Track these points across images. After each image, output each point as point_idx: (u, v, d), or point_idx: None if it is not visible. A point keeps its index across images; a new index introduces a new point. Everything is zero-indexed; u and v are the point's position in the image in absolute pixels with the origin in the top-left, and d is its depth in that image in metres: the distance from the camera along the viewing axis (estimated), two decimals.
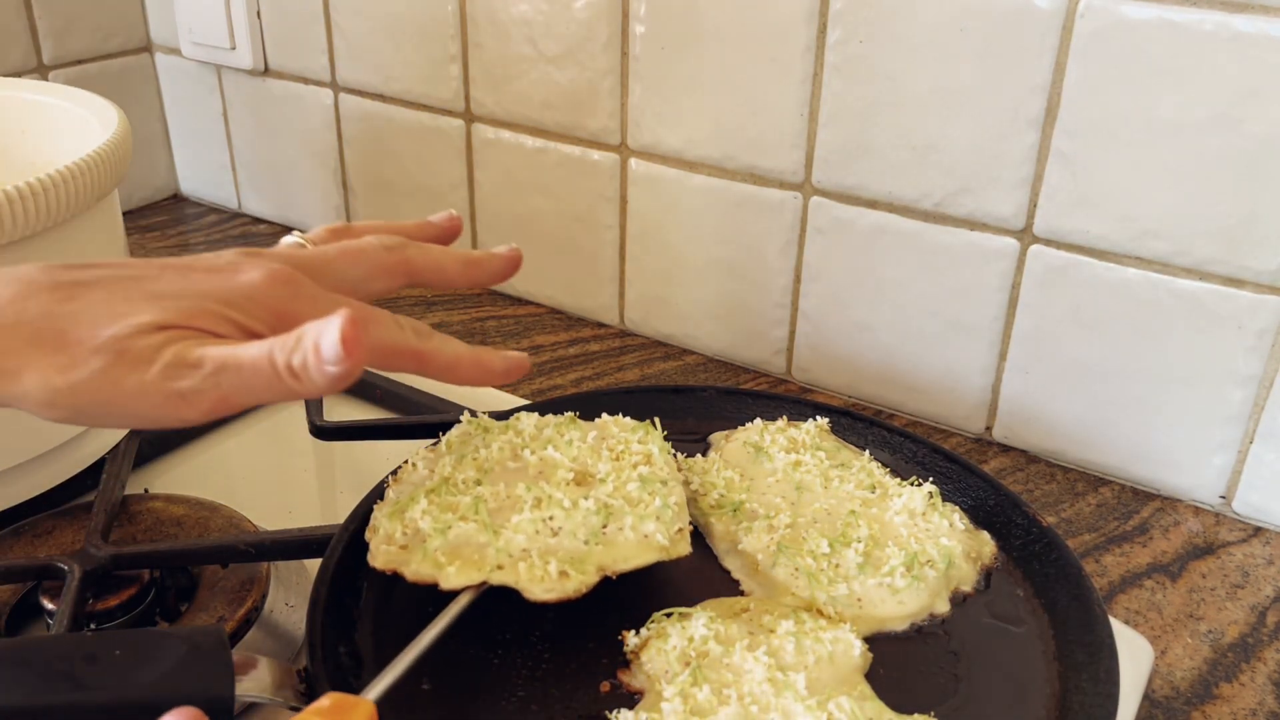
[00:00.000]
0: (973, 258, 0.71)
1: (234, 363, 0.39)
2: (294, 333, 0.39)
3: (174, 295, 0.41)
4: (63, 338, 0.39)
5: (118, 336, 0.39)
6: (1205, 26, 0.59)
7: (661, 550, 0.47)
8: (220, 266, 0.43)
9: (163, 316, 0.40)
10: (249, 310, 0.42)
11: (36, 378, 0.39)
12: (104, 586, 0.54)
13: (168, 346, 0.39)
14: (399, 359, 0.44)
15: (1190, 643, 0.59)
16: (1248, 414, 0.65)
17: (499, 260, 0.54)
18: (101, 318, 0.39)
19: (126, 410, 0.40)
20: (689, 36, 0.76)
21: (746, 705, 0.42)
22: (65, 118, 0.66)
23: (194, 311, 0.41)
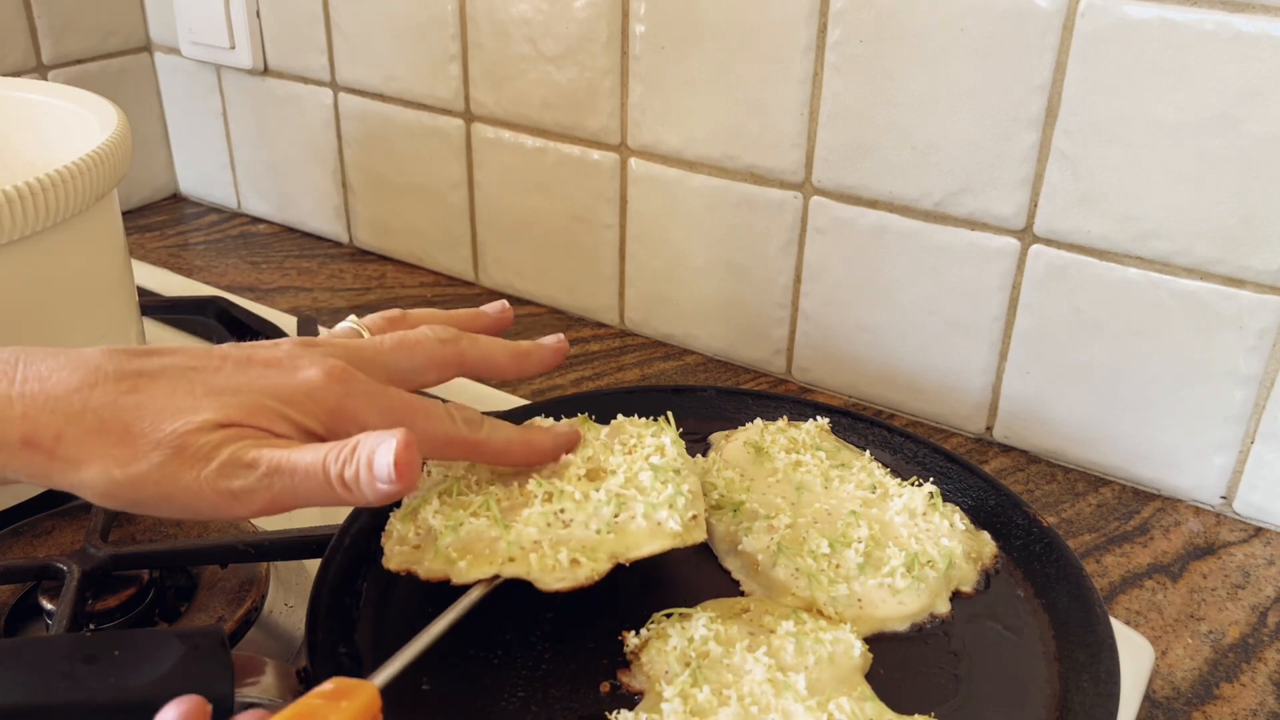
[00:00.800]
0: (973, 257, 0.71)
1: (288, 467, 0.40)
2: (349, 443, 0.40)
3: (233, 391, 0.42)
4: (126, 431, 0.40)
5: (178, 433, 0.40)
6: (1206, 26, 0.59)
7: (675, 536, 0.47)
8: (279, 360, 0.44)
9: (222, 414, 0.41)
10: (305, 408, 0.43)
11: (97, 469, 0.39)
12: (103, 587, 0.54)
13: (225, 446, 0.40)
14: (452, 450, 0.47)
15: (1191, 643, 0.59)
16: (1248, 414, 0.65)
17: (547, 351, 0.55)
18: (164, 412, 0.40)
19: (181, 504, 0.40)
20: (689, 36, 0.76)
21: (746, 706, 0.42)
22: (65, 117, 0.66)
23: (252, 409, 0.41)
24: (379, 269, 1.02)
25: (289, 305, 0.94)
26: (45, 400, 0.39)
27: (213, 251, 1.06)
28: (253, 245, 1.07)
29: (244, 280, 0.99)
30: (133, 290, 0.69)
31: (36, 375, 0.40)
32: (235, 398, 0.41)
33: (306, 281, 0.99)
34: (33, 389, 0.40)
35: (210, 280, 0.98)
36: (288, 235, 1.09)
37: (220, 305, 0.84)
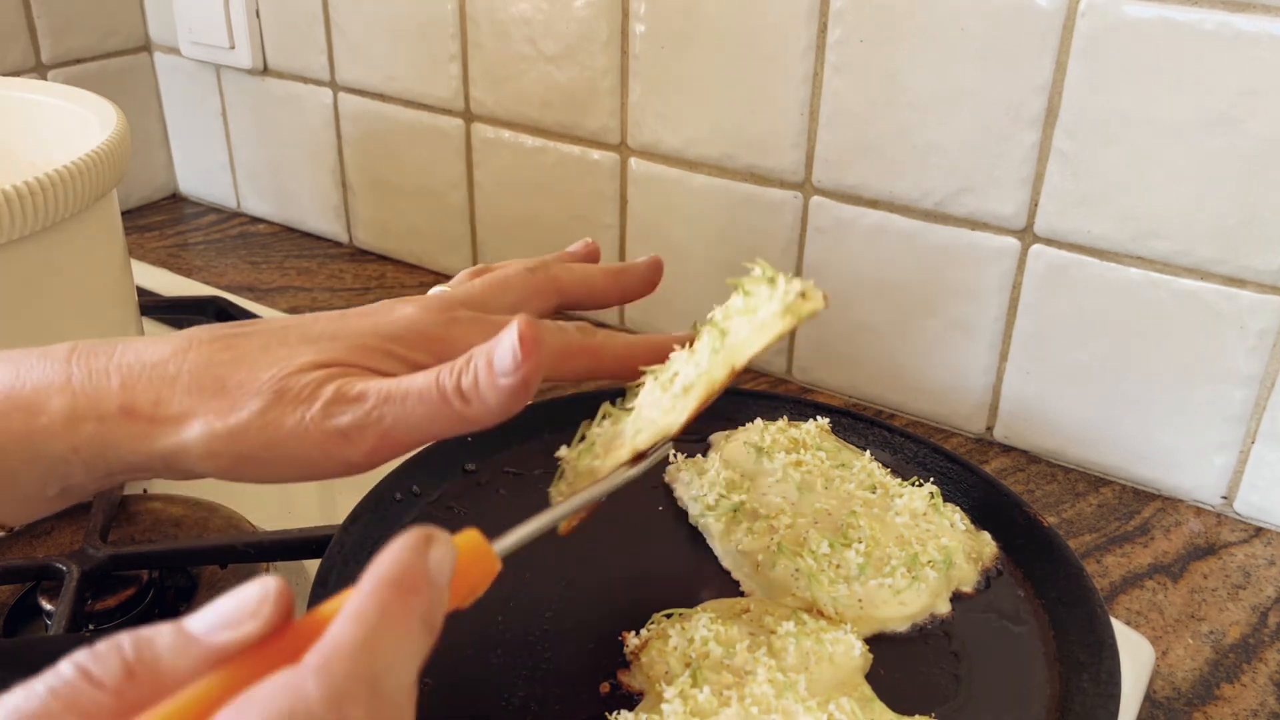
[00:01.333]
0: (974, 258, 0.71)
1: (398, 393, 0.38)
2: (461, 358, 0.39)
3: (331, 336, 0.41)
4: (221, 384, 0.39)
5: (276, 377, 0.39)
6: (1207, 26, 0.59)
7: (784, 315, 0.41)
8: (373, 310, 0.43)
9: (321, 356, 0.40)
10: (409, 341, 0.41)
11: (198, 426, 0.38)
12: (103, 587, 0.54)
13: (328, 383, 0.39)
14: (573, 360, 0.44)
15: (1191, 643, 0.59)
16: (1249, 414, 0.65)
17: (643, 267, 0.53)
18: (260, 363, 0.39)
19: (288, 454, 0.38)
20: (689, 36, 0.76)
21: (747, 706, 0.42)
22: (64, 117, 0.66)
23: (354, 348, 0.40)
24: (378, 269, 1.02)
25: (288, 305, 0.94)
26: (141, 369, 0.39)
27: (212, 251, 1.06)
28: (252, 245, 1.07)
29: (243, 280, 0.99)
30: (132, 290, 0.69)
31: (133, 350, 0.40)
32: (333, 341, 0.40)
33: (306, 281, 0.99)
34: (129, 360, 0.39)
35: (209, 280, 0.98)
36: (287, 235, 1.09)
37: (220, 305, 0.84)
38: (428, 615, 0.28)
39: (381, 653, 0.27)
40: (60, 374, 0.39)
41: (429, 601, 0.28)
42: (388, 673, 0.26)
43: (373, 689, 0.26)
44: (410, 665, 0.28)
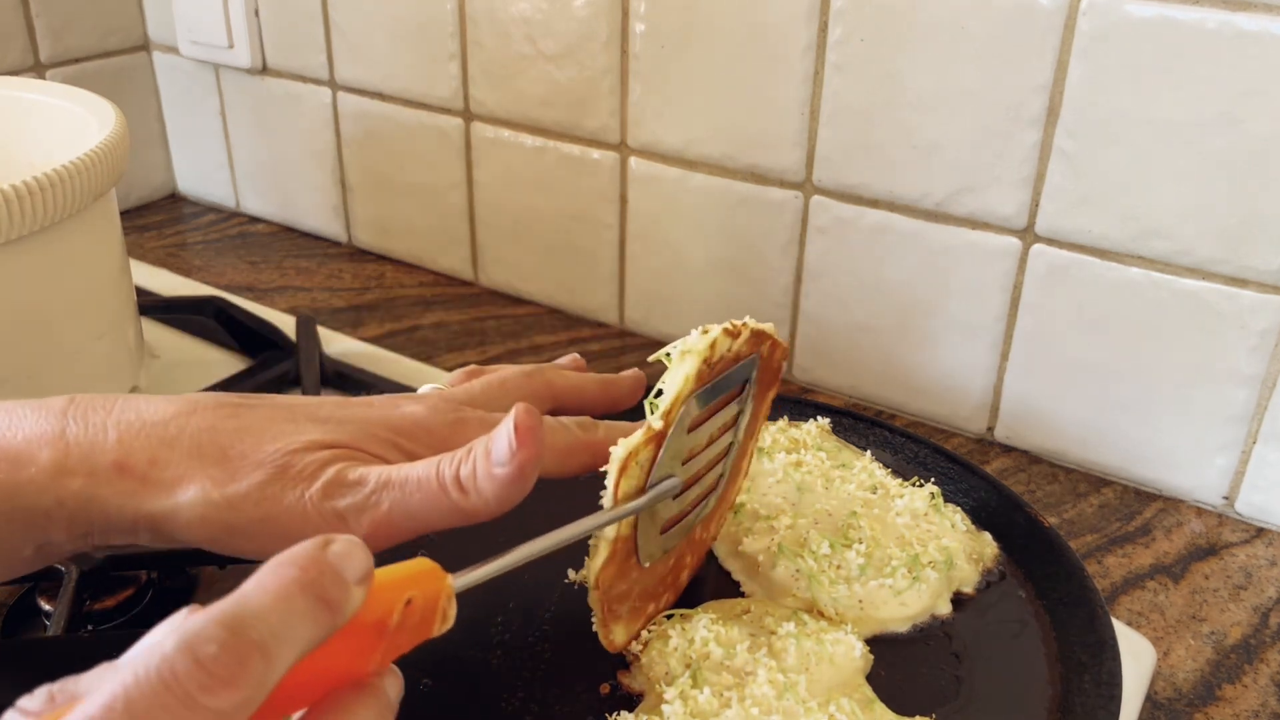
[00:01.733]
0: (974, 257, 0.71)
1: (398, 479, 0.39)
2: (463, 448, 0.39)
3: (339, 420, 0.41)
4: (223, 452, 0.38)
5: (281, 451, 0.39)
6: (1208, 25, 0.59)
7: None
8: (380, 402, 0.43)
9: (327, 436, 0.40)
10: (416, 436, 0.41)
11: (193, 490, 0.38)
12: (101, 587, 0.54)
13: (331, 464, 0.39)
14: (575, 457, 0.44)
15: (1193, 644, 0.59)
16: (1250, 414, 0.65)
17: (630, 381, 0.53)
18: (265, 435, 0.39)
19: (281, 530, 0.38)
20: (689, 35, 0.76)
21: (747, 708, 0.42)
22: (63, 116, 0.66)
23: (361, 435, 0.40)
24: (378, 268, 1.01)
25: (287, 305, 0.94)
26: (140, 426, 0.38)
27: (211, 251, 1.05)
28: (251, 245, 1.07)
29: (242, 280, 0.99)
30: (131, 290, 0.69)
31: (134, 407, 0.39)
32: (341, 425, 0.40)
33: (305, 281, 0.99)
34: (129, 417, 0.39)
35: (208, 280, 0.98)
36: (286, 235, 1.09)
37: (218, 305, 0.84)
38: (316, 588, 0.29)
39: (250, 605, 0.27)
40: (54, 426, 0.38)
41: (316, 576, 0.29)
42: (256, 620, 0.27)
43: (233, 630, 0.26)
44: (293, 626, 0.28)
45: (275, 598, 0.28)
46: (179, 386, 0.73)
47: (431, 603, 0.33)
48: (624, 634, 0.47)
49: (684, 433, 0.43)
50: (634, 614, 0.47)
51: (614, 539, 0.43)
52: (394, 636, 0.31)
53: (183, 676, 0.25)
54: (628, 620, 0.46)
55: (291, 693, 0.29)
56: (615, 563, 0.44)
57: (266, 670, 0.27)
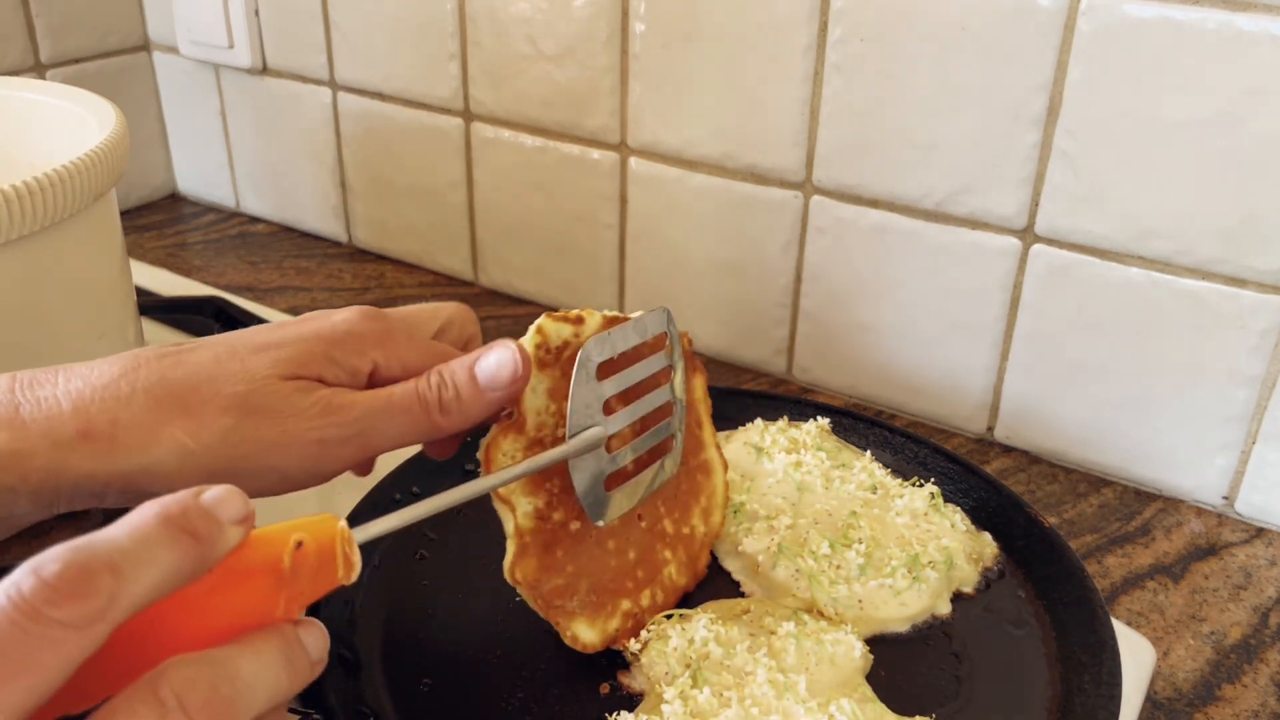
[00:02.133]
0: (974, 257, 0.71)
1: (379, 405, 0.40)
2: (434, 371, 0.42)
3: (277, 344, 0.41)
4: (184, 402, 0.39)
5: (239, 392, 0.39)
6: (1208, 25, 0.59)
7: None
8: (310, 319, 0.44)
9: (276, 368, 0.40)
10: (351, 347, 0.42)
11: (167, 445, 0.38)
12: None
13: (304, 395, 0.40)
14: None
15: (1192, 644, 0.59)
16: (1250, 414, 0.65)
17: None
18: (217, 378, 0.39)
19: (263, 467, 0.40)
20: (689, 35, 0.76)
21: (747, 707, 0.42)
22: (63, 117, 0.66)
23: (303, 357, 0.41)
24: (378, 268, 1.01)
25: (287, 305, 0.94)
26: (92, 392, 0.39)
27: (211, 251, 1.05)
28: (251, 245, 1.07)
29: (242, 280, 0.99)
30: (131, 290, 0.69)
31: (78, 375, 0.39)
32: (281, 349, 0.41)
33: (305, 281, 0.99)
34: (76, 385, 0.39)
35: (208, 280, 0.98)
36: (286, 235, 1.09)
37: (218, 305, 0.84)
38: (180, 520, 0.29)
39: (106, 535, 0.28)
40: (4, 406, 0.38)
41: (180, 510, 0.29)
42: (106, 543, 0.28)
43: (78, 550, 0.27)
44: (150, 552, 0.28)
45: (131, 528, 0.29)
46: None
47: (327, 547, 0.33)
48: (592, 633, 0.46)
49: (591, 381, 0.44)
50: (595, 609, 0.47)
51: (515, 532, 0.44)
52: (294, 582, 0.32)
53: (26, 591, 0.26)
54: (589, 617, 0.46)
55: (195, 635, 0.30)
56: (532, 555, 0.45)
57: (117, 585, 0.27)
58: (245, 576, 0.31)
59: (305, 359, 0.41)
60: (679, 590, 0.51)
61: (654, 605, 0.49)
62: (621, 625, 0.47)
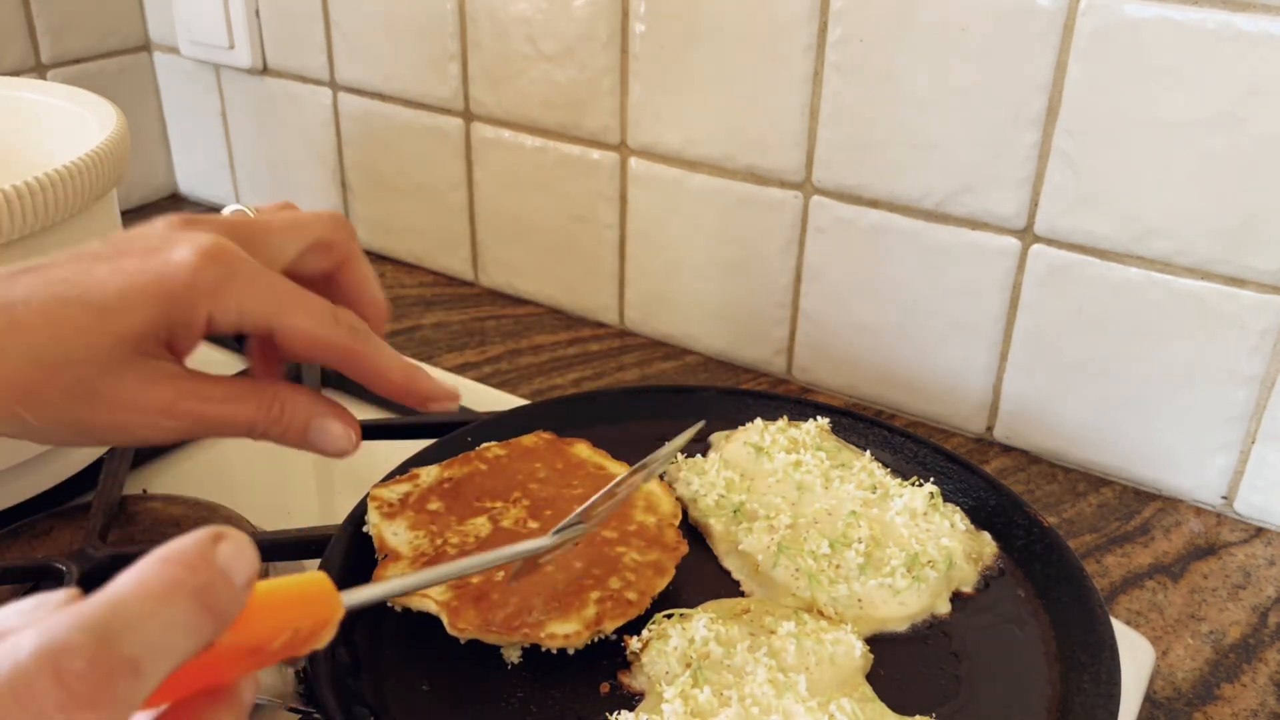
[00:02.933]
0: (974, 257, 0.71)
1: (212, 417, 0.41)
2: (275, 401, 0.43)
3: (117, 309, 0.39)
4: (25, 388, 0.38)
5: (80, 377, 0.38)
6: (1207, 25, 0.59)
7: None
8: (154, 247, 0.40)
9: (117, 347, 0.39)
10: (187, 302, 0.40)
11: (11, 421, 0.39)
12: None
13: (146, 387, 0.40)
14: (325, 353, 0.43)
15: (1192, 643, 0.59)
16: (1250, 414, 0.65)
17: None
18: (58, 356, 0.38)
19: (100, 438, 0.42)
20: (689, 35, 0.76)
21: (747, 707, 0.42)
22: (63, 117, 0.66)
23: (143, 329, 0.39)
24: (378, 269, 1.01)
25: None
26: None
27: None
28: None
29: None
30: None
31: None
32: (121, 319, 0.39)
33: None
34: None
35: None
36: None
37: None
38: (205, 596, 0.26)
39: (127, 612, 0.25)
40: None
41: (206, 581, 0.26)
42: (131, 632, 0.24)
43: (104, 643, 0.24)
44: (173, 639, 0.25)
45: (157, 602, 0.25)
46: None
47: (319, 629, 0.30)
48: (569, 625, 0.47)
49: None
50: (562, 611, 0.47)
51: (440, 607, 0.46)
52: (270, 656, 0.29)
53: (39, 693, 0.23)
54: (559, 617, 0.47)
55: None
56: (468, 608, 0.46)
57: (135, 689, 0.24)
58: (228, 653, 0.28)
59: (146, 330, 0.39)
60: (650, 565, 0.50)
61: (626, 585, 0.49)
62: (600, 609, 0.47)
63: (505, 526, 0.52)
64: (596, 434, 0.60)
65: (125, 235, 0.42)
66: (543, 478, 0.55)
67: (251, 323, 0.41)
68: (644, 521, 0.53)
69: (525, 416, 0.62)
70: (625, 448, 0.58)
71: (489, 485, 0.54)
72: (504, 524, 0.52)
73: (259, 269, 0.42)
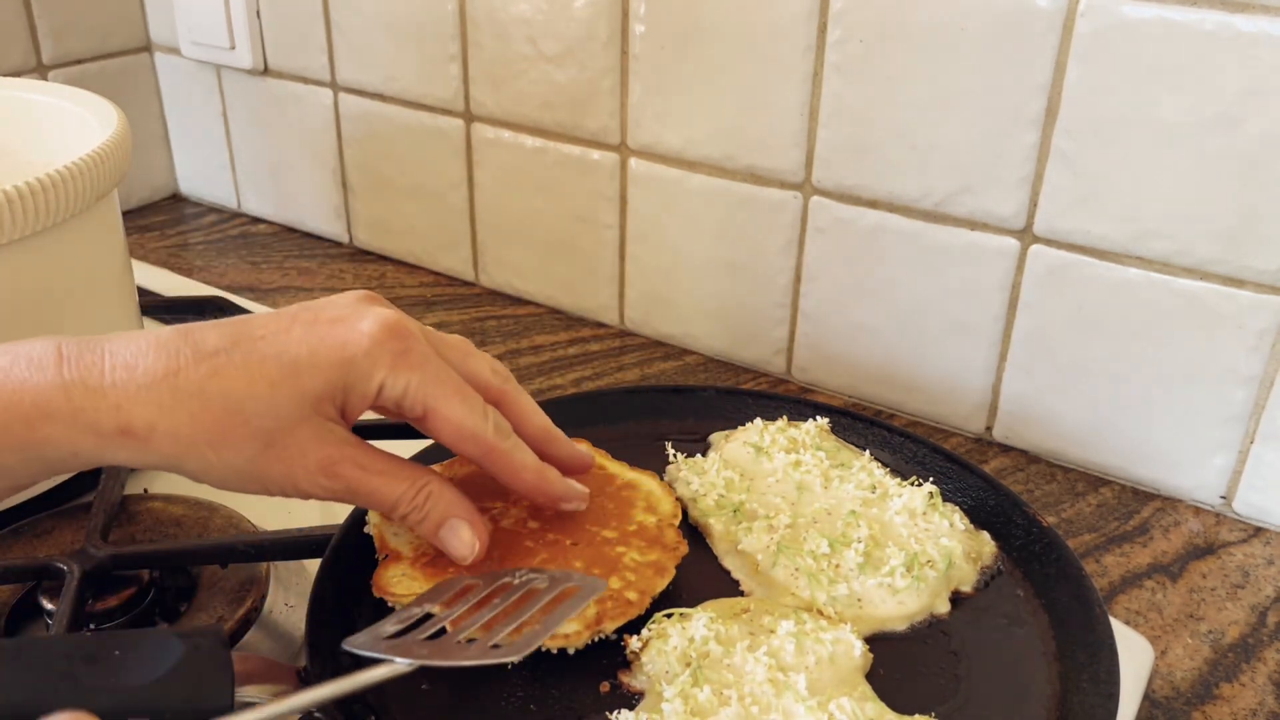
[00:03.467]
0: (973, 257, 0.71)
1: (365, 491, 0.45)
2: (423, 490, 0.46)
3: (306, 369, 0.43)
4: (217, 428, 0.42)
5: (266, 429, 0.42)
6: (1206, 26, 0.59)
7: None
8: (342, 316, 0.45)
9: (300, 407, 0.43)
10: (362, 371, 0.44)
11: (195, 459, 0.42)
12: (103, 587, 0.54)
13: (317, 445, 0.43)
14: (466, 445, 0.47)
15: (1191, 643, 0.59)
16: (1248, 414, 0.65)
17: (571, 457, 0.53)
18: (247, 406, 0.42)
19: (268, 487, 0.44)
20: (689, 36, 0.76)
21: (747, 706, 0.42)
22: (65, 117, 0.66)
23: (324, 391, 0.43)
24: (379, 269, 1.02)
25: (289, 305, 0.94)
26: (135, 390, 0.41)
27: (212, 251, 1.06)
28: (253, 245, 1.07)
29: (244, 280, 0.99)
30: (133, 290, 0.69)
31: (124, 364, 0.41)
32: (306, 380, 0.43)
33: (306, 281, 0.99)
34: (122, 378, 0.41)
35: (210, 280, 0.98)
36: (287, 235, 1.09)
37: (220, 305, 0.84)
38: None
39: None
40: (54, 383, 0.41)
41: None
42: None
43: None
44: None
45: None
46: None
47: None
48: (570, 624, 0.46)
49: None
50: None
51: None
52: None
53: None
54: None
55: None
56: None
57: None
58: None
59: (325, 390, 0.43)
60: (650, 565, 0.50)
61: (626, 584, 0.49)
62: (600, 609, 0.47)
63: (505, 527, 0.52)
64: (596, 434, 0.60)
65: (318, 302, 0.46)
66: None
67: (412, 400, 0.45)
68: (644, 521, 0.53)
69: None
70: (625, 448, 0.59)
71: (490, 485, 0.54)
72: (504, 524, 0.52)
73: (431, 353, 0.46)
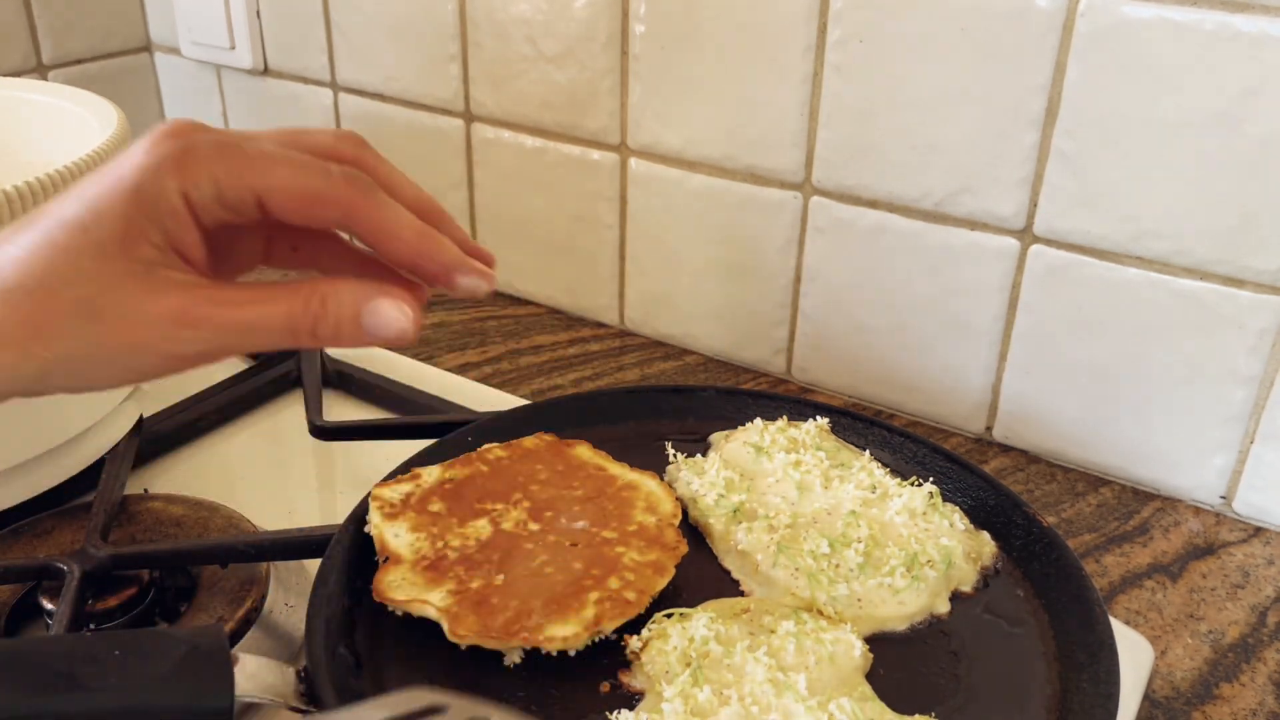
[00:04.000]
0: (973, 257, 0.71)
1: (243, 325, 0.38)
2: (317, 294, 0.39)
3: (94, 221, 0.37)
4: (31, 321, 0.36)
5: (82, 298, 0.37)
6: (1206, 26, 0.59)
7: None
8: (125, 153, 0.39)
9: (107, 263, 0.37)
10: (154, 186, 0.37)
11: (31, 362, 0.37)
12: (103, 587, 0.54)
13: (153, 298, 0.37)
14: (326, 210, 0.40)
15: (1191, 643, 0.59)
16: (1248, 414, 0.65)
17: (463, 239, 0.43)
18: (53, 279, 0.36)
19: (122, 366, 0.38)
20: (689, 36, 0.76)
21: (747, 706, 0.42)
22: (64, 118, 0.66)
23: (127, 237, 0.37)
24: None
25: None
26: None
27: None
28: None
29: None
30: None
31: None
32: (95, 228, 0.37)
33: None
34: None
35: None
36: None
37: None
38: None
39: None
40: None
41: None
42: None
43: None
44: None
45: None
46: (183, 386, 0.74)
47: None
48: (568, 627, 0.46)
49: None
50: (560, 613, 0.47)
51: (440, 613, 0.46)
52: None
53: None
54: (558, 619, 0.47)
55: None
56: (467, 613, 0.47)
57: None
58: None
59: (125, 231, 0.37)
60: (650, 565, 0.50)
61: (626, 584, 0.49)
62: (599, 610, 0.47)
63: (506, 529, 0.52)
64: (597, 434, 0.60)
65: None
66: (544, 479, 0.56)
67: (235, 193, 0.38)
68: (644, 521, 0.53)
69: (526, 416, 0.63)
70: (625, 448, 0.59)
71: (490, 487, 0.55)
72: (505, 526, 0.52)
73: (227, 140, 0.39)
